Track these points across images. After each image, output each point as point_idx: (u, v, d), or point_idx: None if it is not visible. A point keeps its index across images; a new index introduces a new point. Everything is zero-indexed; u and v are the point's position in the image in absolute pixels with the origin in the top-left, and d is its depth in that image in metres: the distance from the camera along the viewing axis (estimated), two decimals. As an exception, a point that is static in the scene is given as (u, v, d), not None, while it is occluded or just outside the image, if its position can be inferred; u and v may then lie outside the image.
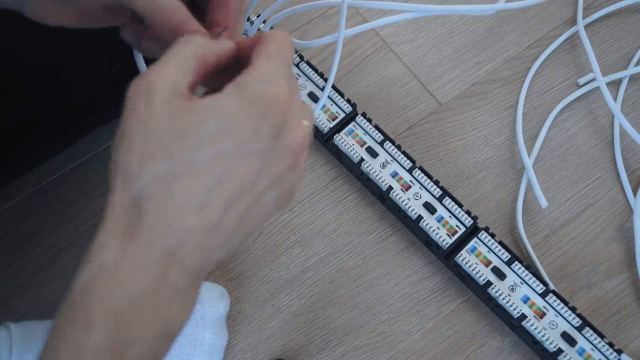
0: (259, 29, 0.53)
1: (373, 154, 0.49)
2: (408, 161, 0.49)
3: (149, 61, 0.44)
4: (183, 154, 0.22)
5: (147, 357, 0.23)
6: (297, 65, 0.52)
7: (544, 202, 0.48)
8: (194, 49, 0.24)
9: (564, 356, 0.43)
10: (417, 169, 0.48)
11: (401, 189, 0.48)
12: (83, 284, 0.22)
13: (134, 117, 0.23)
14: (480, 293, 0.47)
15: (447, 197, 0.47)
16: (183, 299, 0.23)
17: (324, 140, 0.51)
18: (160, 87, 0.23)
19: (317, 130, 0.51)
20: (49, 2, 0.28)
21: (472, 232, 0.47)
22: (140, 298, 0.22)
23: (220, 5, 0.28)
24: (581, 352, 0.43)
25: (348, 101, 0.51)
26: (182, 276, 0.23)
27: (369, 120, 0.50)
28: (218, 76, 0.26)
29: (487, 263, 0.46)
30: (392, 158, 0.49)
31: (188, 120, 0.23)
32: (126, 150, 0.23)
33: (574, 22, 0.58)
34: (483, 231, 0.47)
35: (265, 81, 0.24)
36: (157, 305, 0.22)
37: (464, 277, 0.47)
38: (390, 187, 0.48)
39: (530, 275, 0.45)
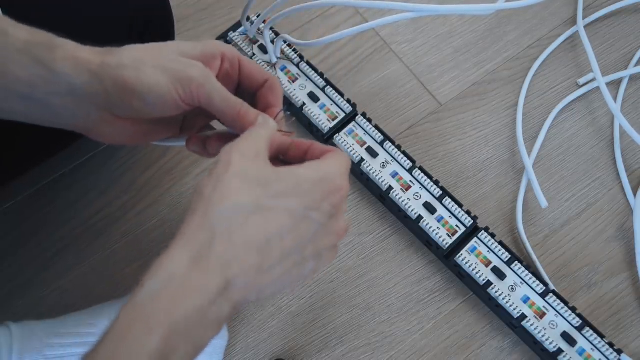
0: (259, 29, 0.53)
1: (373, 154, 0.49)
2: (408, 161, 0.49)
3: None
4: (261, 197, 0.27)
5: None
6: (297, 65, 0.52)
7: (544, 202, 0.48)
8: (267, 131, 0.30)
9: (564, 356, 0.43)
10: (417, 169, 0.48)
11: (401, 189, 0.48)
12: (153, 291, 0.25)
13: (225, 167, 0.27)
14: (480, 293, 0.47)
15: (447, 197, 0.47)
16: (219, 324, 0.26)
17: (324, 140, 0.51)
18: (250, 149, 0.28)
19: (317, 130, 0.51)
20: (115, 123, 0.32)
21: (472, 232, 0.47)
22: (193, 314, 0.25)
23: (271, 91, 0.34)
24: (581, 352, 0.43)
25: (348, 101, 0.51)
26: (227, 305, 0.26)
27: (369, 120, 0.50)
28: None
29: (487, 263, 0.46)
30: (392, 158, 0.49)
31: (271, 175, 0.28)
32: (213, 187, 0.27)
33: (574, 22, 0.58)
34: (483, 231, 0.47)
35: (337, 170, 0.29)
36: (203, 323, 0.25)
37: (464, 277, 0.47)
38: (390, 187, 0.48)
39: (530, 275, 0.45)
